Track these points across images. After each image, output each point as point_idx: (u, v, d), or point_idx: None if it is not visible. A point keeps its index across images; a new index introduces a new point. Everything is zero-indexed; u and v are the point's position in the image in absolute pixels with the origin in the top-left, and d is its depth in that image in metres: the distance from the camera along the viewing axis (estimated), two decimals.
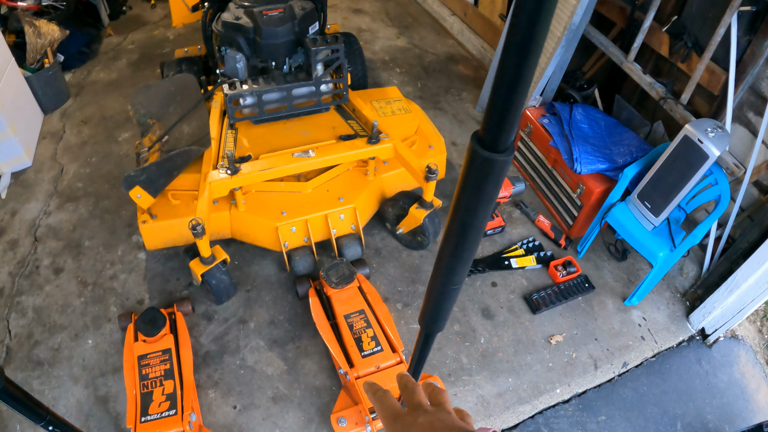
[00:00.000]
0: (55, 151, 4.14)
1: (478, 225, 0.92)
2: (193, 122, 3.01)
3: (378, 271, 3.13)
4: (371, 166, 3.07)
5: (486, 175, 0.80)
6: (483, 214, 0.90)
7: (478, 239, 0.96)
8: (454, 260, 1.02)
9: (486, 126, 0.75)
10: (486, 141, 0.76)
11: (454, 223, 0.93)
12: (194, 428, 2.36)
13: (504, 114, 0.73)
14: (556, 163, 3.37)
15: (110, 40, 5.35)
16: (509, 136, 0.78)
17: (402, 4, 5.93)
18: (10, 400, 0.96)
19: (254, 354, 2.79)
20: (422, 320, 1.28)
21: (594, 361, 2.89)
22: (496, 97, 0.71)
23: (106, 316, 2.99)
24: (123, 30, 5.49)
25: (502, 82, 0.69)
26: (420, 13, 5.75)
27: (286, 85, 3.02)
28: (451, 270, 1.06)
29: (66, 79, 4.77)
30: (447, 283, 1.10)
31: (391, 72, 4.77)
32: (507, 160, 0.79)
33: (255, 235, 3.02)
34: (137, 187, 2.72)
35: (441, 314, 1.22)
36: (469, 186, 0.84)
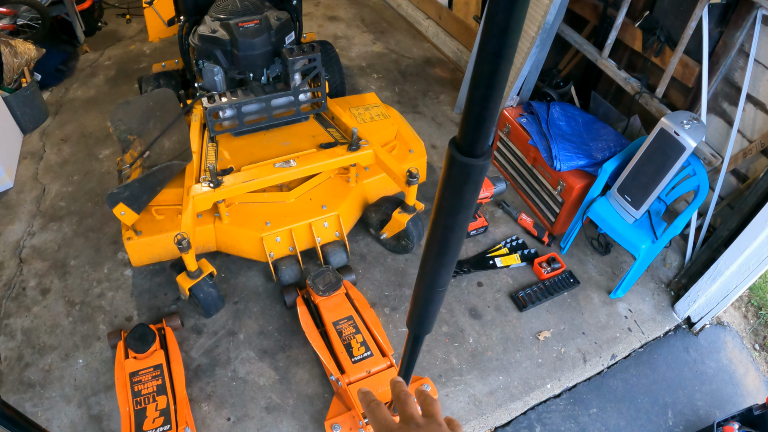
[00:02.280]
0: (36, 171, 4.12)
1: (460, 228, 0.94)
2: (174, 137, 3.01)
3: (364, 276, 3.15)
4: (353, 172, 3.09)
5: (465, 180, 0.82)
6: (464, 217, 0.93)
7: (461, 242, 0.98)
8: (438, 264, 1.04)
9: (463, 132, 0.77)
10: (463, 147, 0.78)
11: (437, 227, 0.95)
12: None
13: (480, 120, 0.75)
14: (536, 162, 3.41)
15: (87, 56, 5.33)
16: (486, 141, 0.80)
17: (377, 10, 5.94)
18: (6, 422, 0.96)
19: (245, 365, 2.80)
20: (410, 323, 1.29)
21: (583, 354, 2.93)
22: (472, 104, 0.73)
23: (95, 335, 2.98)
24: (99, 46, 5.46)
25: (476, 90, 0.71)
26: (395, 17, 5.78)
27: (265, 96, 3.03)
28: (435, 273, 1.07)
29: (44, 98, 4.74)
30: (433, 286, 1.12)
31: (368, 78, 4.78)
32: (485, 165, 0.81)
33: (240, 246, 3.03)
34: (121, 204, 2.72)
35: (428, 317, 1.24)
36: (449, 191, 0.86)
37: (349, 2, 6.13)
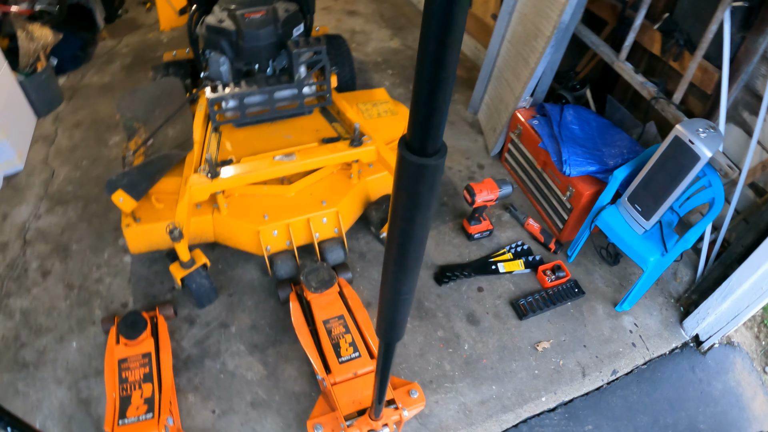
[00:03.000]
0: (47, 155, 4.14)
1: (419, 233, 0.90)
2: (178, 126, 3.00)
3: (362, 275, 3.10)
4: (355, 169, 3.04)
5: (418, 181, 0.78)
6: (422, 221, 0.88)
7: (421, 246, 0.94)
8: (399, 270, 1.00)
9: (411, 130, 0.74)
10: (414, 146, 0.74)
11: (393, 232, 0.91)
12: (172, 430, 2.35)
13: (427, 118, 0.71)
14: (546, 165, 3.32)
15: (105, 43, 5.36)
16: (436, 139, 0.75)
17: (397, 6, 5.90)
18: None
19: (235, 358, 2.77)
20: (379, 331, 1.25)
21: (582, 368, 2.84)
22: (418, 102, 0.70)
23: (90, 319, 2.99)
24: (118, 33, 5.50)
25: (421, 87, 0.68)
26: (415, 14, 5.73)
27: (268, 87, 3.00)
28: (397, 280, 1.04)
29: (59, 83, 4.78)
30: (396, 293, 1.08)
31: (383, 74, 4.74)
32: (438, 164, 0.77)
33: (237, 238, 3.00)
34: (119, 191, 2.71)
35: (396, 324, 1.20)
36: (403, 193, 0.82)
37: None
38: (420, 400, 2.34)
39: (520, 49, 3.60)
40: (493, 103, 3.92)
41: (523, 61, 3.54)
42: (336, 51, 3.76)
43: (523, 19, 3.60)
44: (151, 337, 2.62)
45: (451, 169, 3.68)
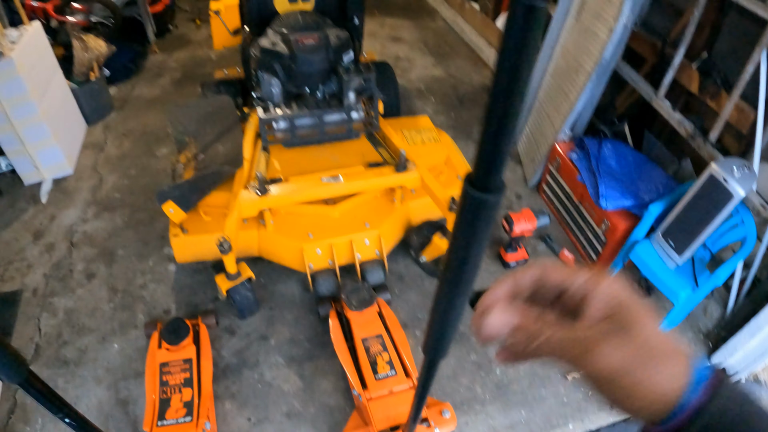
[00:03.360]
0: (96, 162, 4.29)
1: (473, 261, 0.97)
2: (228, 143, 3.11)
3: (400, 297, 3.18)
4: (398, 193, 3.13)
5: (478, 215, 0.85)
6: (477, 250, 0.95)
7: (474, 274, 1.01)
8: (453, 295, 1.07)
9: (477, 168, 0.81)
10: (477, 182, 0.82)
11: (451, 259, 0.98)
12: None
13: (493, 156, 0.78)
14: (583, 198, 3.39)
15: (155, 57, 5.54)
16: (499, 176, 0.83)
17: (440, 34, 6.02)
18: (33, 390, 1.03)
19: (272, 370, 2.85)
20: (425, 348, 1.33)
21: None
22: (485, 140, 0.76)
23: (133, 323, 3.09)
24: (168, 48, 5.67)
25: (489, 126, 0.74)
26: (458, 42, 5.84)
27: (318, 111, 3.11)
28: (449, 304, 1.10)
29: (110, 93, 4.95)
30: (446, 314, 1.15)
31: (425, 101, 4.84)
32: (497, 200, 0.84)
33: (281, 254, 3.09)
34: (170, 202, 2.82)
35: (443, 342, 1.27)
36: (464, 225, 0.89)
37: (414, 25, 6.23)
38: (452, 421, 2.40)
39: (561, 83, 3.68)
40: (532, 134, 4.01)
41: (564, 95, 3.62)
42: (382, 77, 3.86)
43: (565, 53, 3.69)
44: (193, 344, 2.69)
45: None
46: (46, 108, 3.93)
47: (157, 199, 2.83)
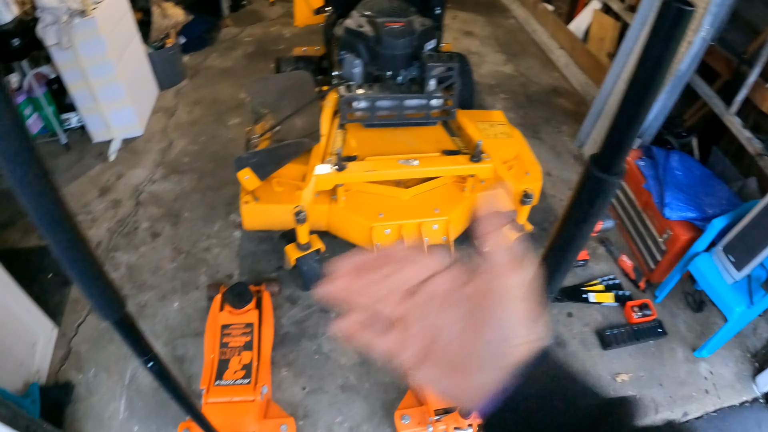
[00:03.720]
0: (166, 125, 4.38)
1: (581, 238, 0.99)
2: (306, 117, 3.15)
3: None
4: (469, 183, 3.15)
5: (597, 194, 0.88)
6: (587, 229, 0.98)
7: (578, 252, 1.03)
8: (554, 270, 1.09)
9: (603, 150, 0.83)
10: (601, 163, 0.84)
11: (561, 235, 1.01)
12: (264, 400, 2.46)
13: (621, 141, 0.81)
14: (647, 206, 3.37)
15: (228, 30, 5.63)
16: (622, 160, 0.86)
17: (512, 32, 6.01)
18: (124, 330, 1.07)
19: (331, 343, 2.90)
20: None
21: (656, 405, 2.87)
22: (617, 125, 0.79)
23: (194, 284, 3.16)
24: (241, 23, 5.76)
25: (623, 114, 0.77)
26: (528, 42, 5.83)
27: (400, 95, 3.14)
28: (549, 278, 1.12)
29: (184, 61, 5.04)
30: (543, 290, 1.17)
31: (495, 97, 4.85)
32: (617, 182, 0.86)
33: (349, 231, 3.13)
34: (247, 169, 2.87)
35: None
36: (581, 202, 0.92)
37: (486, 21, 6.23)
38: None
39: None
40: (600, 139, 3.99)
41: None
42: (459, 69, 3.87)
43: None
44: (255, 309, 2.75)
45: (554, 197, 3.76)
46: (122, 69, 4.03)
47: (234, 164, 2.88)
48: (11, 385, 2.46)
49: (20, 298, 2.67)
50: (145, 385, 2.71)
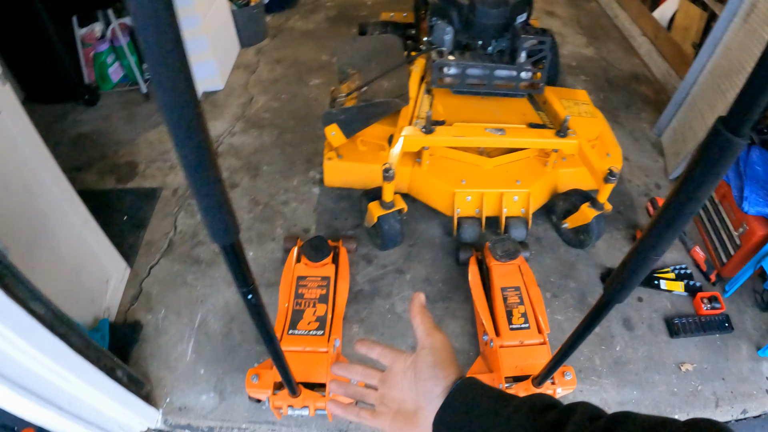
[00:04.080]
0: (246, 81, 4.47)
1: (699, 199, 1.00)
2: (394, 80, 3.19)
3: (535, 258, 3.22)
4: (552, 158, 3.16)
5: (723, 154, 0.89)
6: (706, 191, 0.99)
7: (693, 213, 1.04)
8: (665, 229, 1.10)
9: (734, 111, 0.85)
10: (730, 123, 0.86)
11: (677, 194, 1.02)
12: (336, 353, 2.50)
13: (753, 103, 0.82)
14: (724, 198, 3.34)
15: None
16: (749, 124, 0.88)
17: (594, 16, 5.94)
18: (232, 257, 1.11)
19: (404, 303, 2.94)
20: (608, 287, 1.35)
21: (717, 399, 2.87)
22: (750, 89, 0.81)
23: (270, 236, 3.24)
24: None
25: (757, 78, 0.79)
26: (610, 27, 5.74)
27: (491, 64, 3.16)
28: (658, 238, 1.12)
29: (266, 20, 5.11)
30: (650, 251, 1.16)
31: (576, 78, 4.81)
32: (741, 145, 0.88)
33: (431, 195, 3.18)
34: (334, 125, 2.93)
35: (629, 283, 1.27)
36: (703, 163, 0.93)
37: (568, 2, 6.17)
38: (572, 383, 2.44)
39: (720, 82, 3.60)
40: (680, 128, 3.94)
41: (721, 94, 3.55)
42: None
43: (727, 52, 3.60)
44: (332, 264, 2.80)
45: (630, 183, 3.74)
46: (208, 23, 4.12)
47: (322, 119, 2.94)
48: (82, 319, 2.56)
49: (98, 235, 2.77)
50: (215, 330, 2.79)
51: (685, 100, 4.01)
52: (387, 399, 0.91)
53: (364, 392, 0.97)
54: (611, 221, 3.42)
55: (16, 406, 1.78)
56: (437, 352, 0.85)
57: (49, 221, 2.37)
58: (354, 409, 0.95)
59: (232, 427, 2.46)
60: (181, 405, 2.52)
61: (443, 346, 0.87)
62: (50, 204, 2.38)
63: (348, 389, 1.00)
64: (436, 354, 0.85)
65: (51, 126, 4.05)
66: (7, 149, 2.11)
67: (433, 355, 0.85)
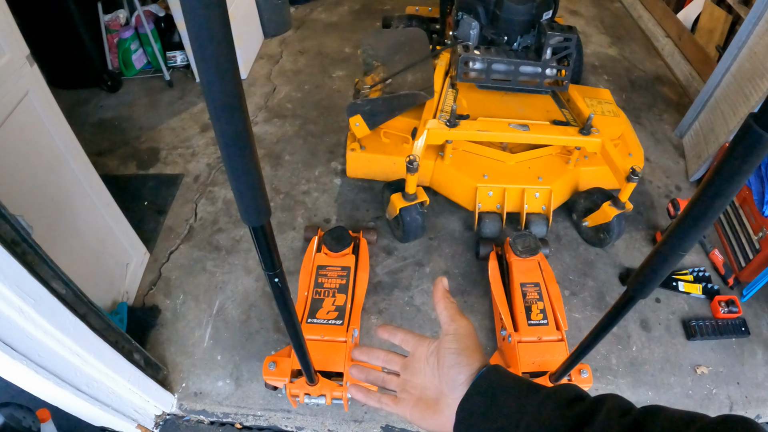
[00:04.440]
0: (270, 72, 4.49)
1: (728, 195, 1.00)
2: (418, 73, 3.20)
3: (554, 256, 3.22)
4: (574, 156, 3.16)
5: (753, 150, 0.90)
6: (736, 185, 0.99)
7: (721, 209, 1.04)
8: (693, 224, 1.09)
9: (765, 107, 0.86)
10: (762, 119, 0.86)
11: (707, 188, 1.02)
12: (354, 343, 2.49)
13: None
14: (745, 202, 3.33)
15: None
16: None
17: (617, 16, 5.91)
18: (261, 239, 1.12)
19: (423, 296, 2.95)
20: (631, 283, 1.35)
21: (731, 403, 2.86)
22: None
23: (291, 225, 3.26)
24: None
25: None
26: (633, 27, 5.72)
27: (516, 60, 3.16)
28: (685, 234, 1.12)
29: (290, 12, 5.13)
30: (675, 247, 1.16)
31: (599, 77, 4.80)
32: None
33: (453, 189, 3.19)
34: (358, 116, 2.95)
35: (653, 279, 1.27)
36: (733, 158, 0.94)
37: (592, 2, 6.15)
38: (588, 381, 2.45)
39: (743, 85, 3.59)
40: (702, 131, 3.93)
41: (744, 98, 3.53)
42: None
43: (751, 56, 3.59)
44: (352, 254, 2.82)
45: (651, 184, 3.73)
46: (232, 12, 4.14)
47: (346, 110, 2.95)
48: (101, 302, 2.59)
49: (119, 220, 2.81)
50: (233, 317, 2.82)
51: (708, 102, 4.00)
52: (409, 385, 0.89)
53: (385, 378, 0.95)
54: (631, 221, 3.42)
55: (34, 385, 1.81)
56: (461, 339, 0.84)
57: (72, 203, 2.41)
58: (375, 395, 0.93)
59: (247, 414, 2.48)
60: (196, 390, 2.54)
61: (468, 333, 0.85)
62: (73, 186, 2.42)
63: (369, 375, 0.97)
64: (460, 341, 0.83)
65: (74, 111, 4.10)
66: (34, 130, 2.15)
67: (457, 342, 0.83)
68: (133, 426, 2.29)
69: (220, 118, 0.76)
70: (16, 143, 2.04)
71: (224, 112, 0.75)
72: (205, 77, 0.69)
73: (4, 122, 1.96)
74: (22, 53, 2.06)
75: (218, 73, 0.68)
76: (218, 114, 0.75)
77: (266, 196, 0.97)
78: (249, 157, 0.86)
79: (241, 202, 0.97)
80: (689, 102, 4.22)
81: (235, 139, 0.80)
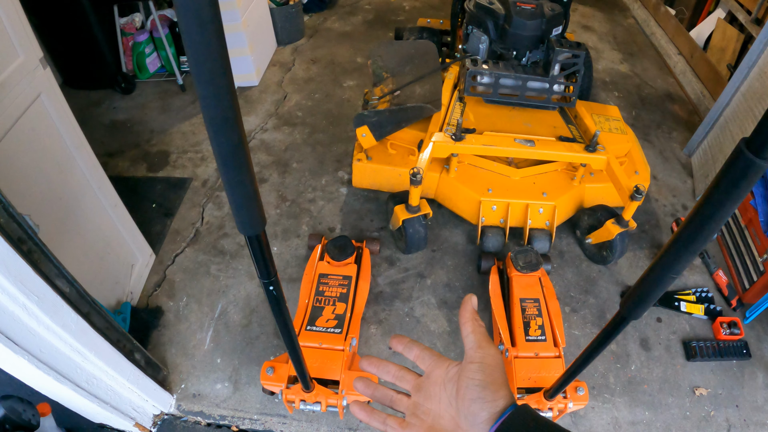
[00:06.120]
0: (281, 79, 4.53)
1: (719, 219, 1.00)
2: (427, 86, 3.22)
3: (556, 272, 3.23)
4: (580, 172, 3.17)
5: (744, 175, 0.90)
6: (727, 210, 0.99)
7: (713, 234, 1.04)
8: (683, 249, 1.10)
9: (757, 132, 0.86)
10: (753, 145, 0.87)
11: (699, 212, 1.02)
12: (352, 352, 2.52)
13: None
14: (751, 223, 3.32)
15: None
16: None
17: (630, 32, 5.91)
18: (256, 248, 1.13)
19: (423, 308, 2.97)
20: (623, 304, 1.35)
21: (729, 426, 2.84)
22: None
23: (295, 232, 3.28)
24: None
25: None
26: (646, 44, 5.71)
27: (524, 75, 3.18)
28: (676, 257, 1.12)
29: (304, 20, 5.17)
30: (667, 269, 1.16)
31: (609, 94, 4.80)
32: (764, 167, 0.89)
33: (457, 202, 3.21)
34: (365, 127, 2.97)
35: (645, 300, 1.27)
36: (725, 183, 0.94)
37: (605, 18, 6.15)
38: (584, 399, 2.44)
39: (753, 105, 3.58)
40: (711, 150, 3.93)
41: (753, 118, 3.53)
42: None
43: (762, 75, 3.58)
44: (354, 264, 2.84)
45: (657, 202, 3.73)
46: (246, 19, 4.19)
47: (354, 121, 2.97)
48: (105, 301, 2.62)
49: (126, 220, 2.84)
50: (234, 321, 2.84)
51: (717, 121, 3.99)
52: (420, 410, 0.81)
53: (394, 398, 0.85)
54: (635, 239, 3.42)
55: (35, 379, 1.84)
56: (488, 370, 0.74)
57: (80, 203, 2.44)
58: (380, 416, 0.83)
59: (243, 418, 2.50)
60: (195, 392, 2.57)
61: (495, 364, 0.76)
62: (82, 187, 2.45)
63: (376, 392, 0.87)
64: (486, 372, 0.74)
65: (86, 111, 4.15)
66: (45, 130, 2.18)
67: (482, 373, 0.74)
68: (131, 424, 2.31)
69: (216, 132, 0.77)
70: (27, 144, 2.08)
71: (220, 127, 0.76)
72: (202, 93, 0.71)
73: (16, 123, 2.00)
74: (35, 56, 2.10)
75: (214, 90, 0.70)
76: (215, 128, 0.77)
77: (261, 206, 0.99)
78: (244, 170, 0.87)
79: (237, 213, 0.99)
80: (699, 121, 4.21)
81: (231, 152, 0.82)
